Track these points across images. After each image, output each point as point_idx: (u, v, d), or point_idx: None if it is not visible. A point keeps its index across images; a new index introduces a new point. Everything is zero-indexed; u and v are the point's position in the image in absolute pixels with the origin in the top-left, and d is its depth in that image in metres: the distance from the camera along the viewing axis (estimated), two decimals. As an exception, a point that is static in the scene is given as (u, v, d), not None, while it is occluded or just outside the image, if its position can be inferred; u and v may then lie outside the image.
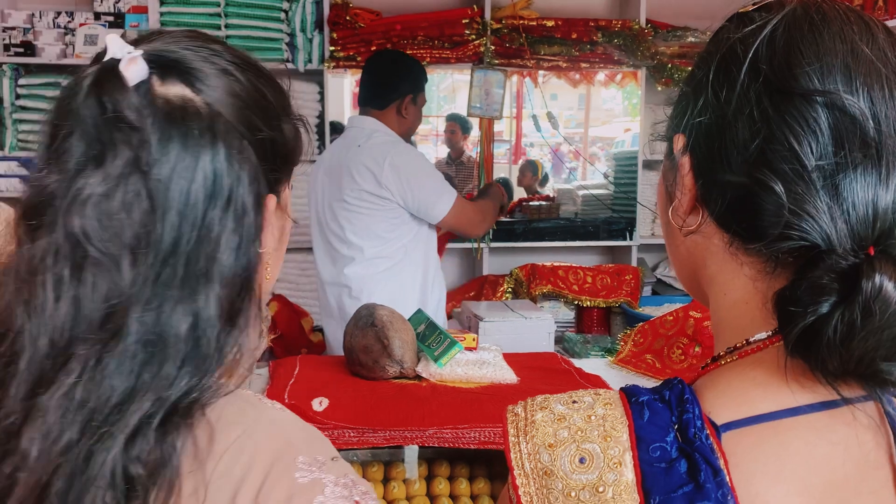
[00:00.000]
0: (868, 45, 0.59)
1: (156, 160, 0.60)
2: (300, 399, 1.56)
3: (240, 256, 0.64)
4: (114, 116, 0.61)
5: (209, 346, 0.62)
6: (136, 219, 0.60)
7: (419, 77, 2.63)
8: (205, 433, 0.61)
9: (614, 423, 0.59)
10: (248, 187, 0.64)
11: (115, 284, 0.59)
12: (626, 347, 2.02)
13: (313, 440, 0.64)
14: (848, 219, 0.56)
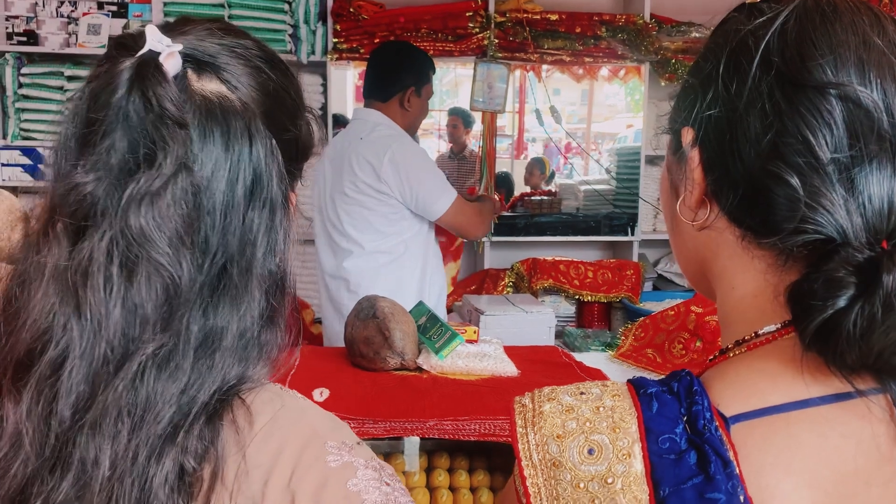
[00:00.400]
0: (879, 36, 0.59)
1: (197, 157, 0.60)
2: (301, 389, 1.54)
3: (276, 254, 0.65)
4: (160, 113, 0.59)
5: (253, 343, 0.63)
6: (186, 217, 0.60)
7: (423, 68, 2.58)
8: (243, 416, 0.62)
9: (623, 415, 0.58)
10: (279, 185, 0.65)
11: (172, 284, 0.59)
12: (626, 342, 2.03)
13: (337, 427, 0.65)
14: (864, 212, 0.56)
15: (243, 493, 0.59)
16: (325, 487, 0.59)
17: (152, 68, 0.60)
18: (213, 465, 0.59)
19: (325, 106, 3.62)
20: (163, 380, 0.59)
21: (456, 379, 1.69)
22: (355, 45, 3.48)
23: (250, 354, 0.63)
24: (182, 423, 0.58)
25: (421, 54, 2.67)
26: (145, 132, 0.59)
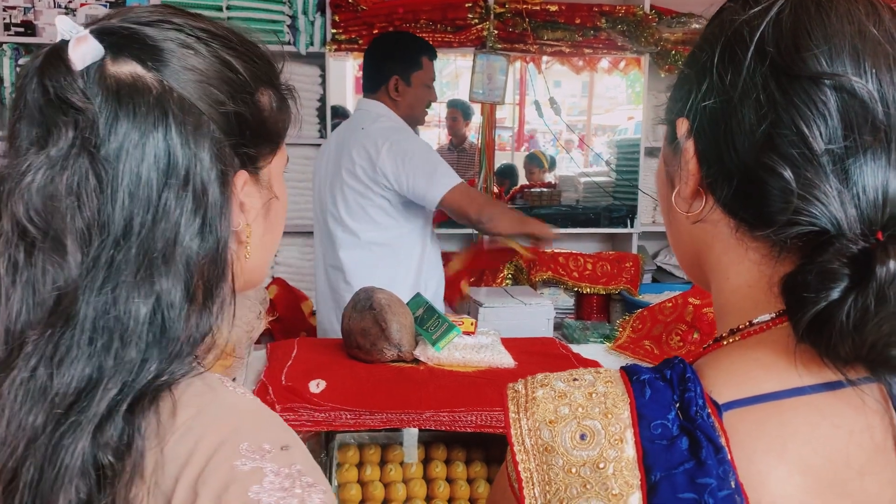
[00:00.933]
0: (875, 26, 0.58)
1: (103, 140, 0.59)
2: (297, 381, 1.56)
3: (206, 238, 0.62)
4: (56, 98, 0.60)
5: (176, 331, 0.61)
6: (84, 201, 0.59)
7: (407, 55, 2.48)
8: (167, 409, 0.60)
9: (615, 401, 0.58)
10: (210, 164, 0.63)
11: (61, 269, 0.58)
12: (624, 333, 2.02)
13: (266, 427, 0.63)
14: (858, 203, 0.56)
15: (159, 487, 0.58)
16: (227, 491, 0.57)
17: (54, 57, 0.61)
18: (132, 458, 0.58)
19: (323, 97, 3.61)
20: (61, 365, 0.58)
21: (453, 370, 1.69)
22: (354, 35, 3.46)
23: (169, 343, 0.60)
24: (93, 414, 0.57)
25: (407, 41, 2.58)
26: (42, 118, 0.60)
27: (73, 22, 0.62)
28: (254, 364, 1.75)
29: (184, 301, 0.61)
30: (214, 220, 0.63)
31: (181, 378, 0.62)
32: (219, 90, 0.65)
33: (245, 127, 0.67)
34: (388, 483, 1.54)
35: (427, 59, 2.50)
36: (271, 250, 0.77)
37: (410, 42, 2.58)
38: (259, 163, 0.70)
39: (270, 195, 0.73)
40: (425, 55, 2.50)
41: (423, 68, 2.48)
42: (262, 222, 0.72)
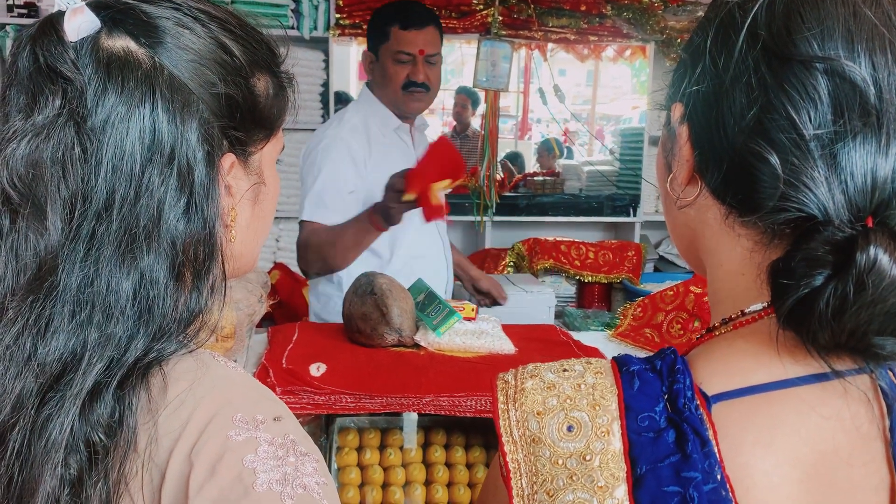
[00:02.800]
0: (871, 8, 0.57)
1: (91, 111, 0.60)
2: (298, 364, 1.56)
3: (192, 217, 0.62)
4: (46, 67, 0.60)
5: (162, 309, 0.61)
6: (69, 170, 0.59)
7: (373, 25, 2.16)
8: (157, 384, 0.61)
9: (604, 392, 0.58)
10: (197, 144, 0.63)
11: (41, 236, 0.59)
12: (625, 321, 2.03)
13: (259, 400, 0.63)
14: (846, 189, 0.55)
15: (153, 461, 0.59)
16: (222, 460, 0.58)
17: (48, 26, 0.62)
18: (125, 435, 0.58)
19: (326, 82, 3.60)
20: (45, 334, 0.58)
21: (453, 356, 1.70)
22: (358, 20, 3.46)
23: (156, 321, 0.61)
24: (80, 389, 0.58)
25: (380, 8, 2.22)
26: (30, 86, 0.61)
27: None
28: (255, 347, 1.76)
29: (169, 279, 0.61)
30: (201, 201, 0.63)
31: (171, 356, 0.62)
32: (211, 71, 0.65)
33: (236, 110, 0.67)
34: (388, 467, 1.54)
35: (398, 28, 2.09)
36: (260, 237, 0.76)
37: (382, 9, 2.21)
38: (250, 147, 0.70)
39: (259, 181, 0.72)
40: (395, 24, 2.10)
41: (390, 39, 2.10)
42: (249, 208, 0.72)
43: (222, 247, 0.67)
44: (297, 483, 0.58)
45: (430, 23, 2.14)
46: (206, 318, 0.65)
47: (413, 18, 2.11)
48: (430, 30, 2.12)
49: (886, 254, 0.51)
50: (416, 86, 2.11)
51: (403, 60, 2.09)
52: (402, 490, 1.52)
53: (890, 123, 0.55)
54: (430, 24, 2.14)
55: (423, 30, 2.11)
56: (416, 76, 2.10)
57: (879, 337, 0.53)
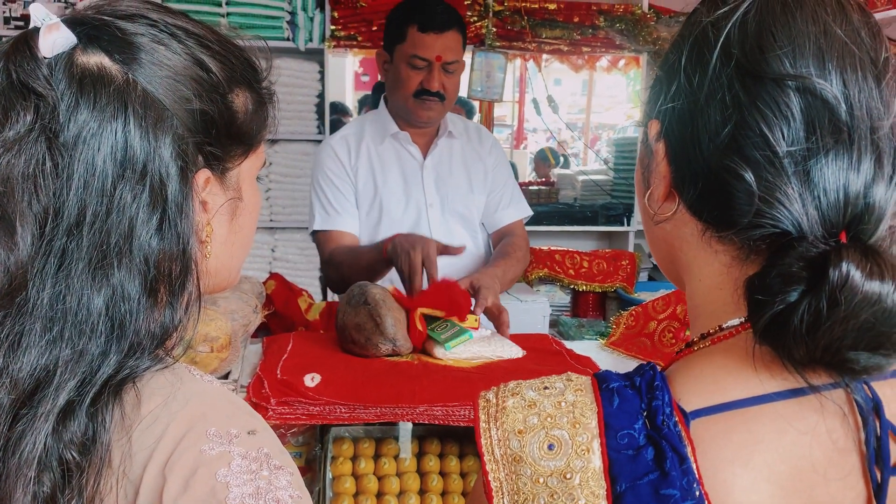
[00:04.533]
0: (841, 26, 0.58)
1: (63, 126, 0.60)
2: (292, 374, 1.57)
3: (166, 233, 0.62)
4: (18, 83, 0.61)
5: (135, 325, 0.61)
6: (40, 185, 0.59)
7: (390, 23, 1.98)
8: (131, 401, 0.61)
9: (584, 410, 0.58)
10: (170, 160, 0.62)
11: (10, 252, 0.59)
12: (618, 331, 2.04)
13: (234, 413, 0.63)
14: (819, 205, 0.56)
15: (127, 477, 0.59)
16: (195, 475, 0.58)
17: (21, 43, 0.62)
18: (98, 453, 0.58)
19: (322, 93, 3.62)
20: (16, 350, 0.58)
21: (447, 366, 1.71)
22: (353, 32, 3.48)
23: (128, 337, 0.61)
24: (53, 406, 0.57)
25: (400, 5, 2.00)
26: (3, 101, 0.61)
27: (47, 10, 0.63)
28: (249, 357, 1.76)
29: (142, 295, 0.61)
30: (174, 216, 0.63)
31: (144, 372, 0.62)
32: (186, 87, 0.65)
33: (211, 126, 0.67)
34: (382, 476, 1.55)
35: (416, 30, 1.90)
36: (240, 253, 0.76)
37: (401, 5, 2.00)
38: (227, 163, 0.70)
39: (236, 196, 0.72)
40: (413, 24, 1.91)
41: (406, 40, 1.92)
42: (226, 223, 0.72)
43: (197, 262, 0.66)
44: (271, 497, 0.58)
45: (452, 26, 1.93)
46: (181, 333, 0.65)
47: (433, 20, 1.90)
48: (451, 34, 1.92)
49: (858, 269, 0.52)
50: (429, 94, 1.94)
51: (418, 66, 1.92)
52: (397, 499, 1.53)
53: (861, 140, 0.56)
54: (453, 27, 1.93)
55: (444, 34, 1.91)
56: (430, 84, 1.92)
57: (853, 351, 0.53)
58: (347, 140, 2.08)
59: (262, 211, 3.31)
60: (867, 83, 0.57)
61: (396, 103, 2.02)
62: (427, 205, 2.09)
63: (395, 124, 2.07)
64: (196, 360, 1.49)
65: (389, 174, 2.06)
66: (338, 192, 2.05)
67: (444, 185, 2.10)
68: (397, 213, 2.05)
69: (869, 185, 0.56)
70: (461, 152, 2.14)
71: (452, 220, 2.12)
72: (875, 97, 0.58)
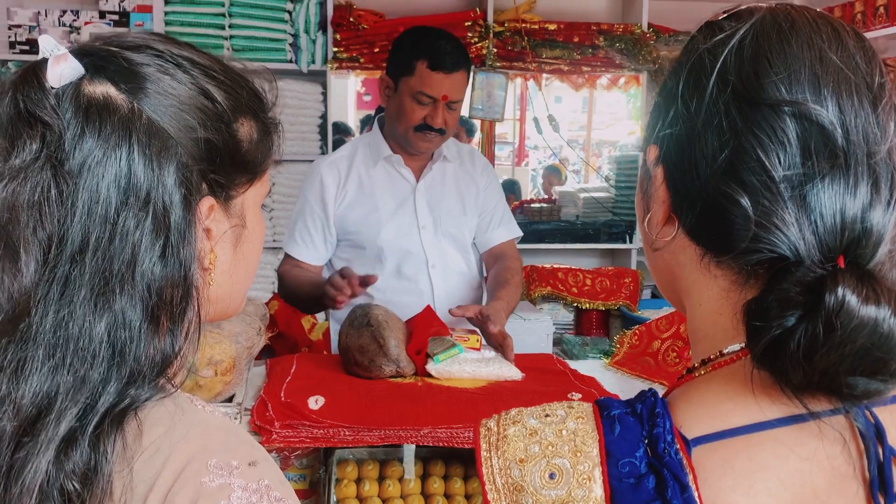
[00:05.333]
0: (836, 52, 0.59)
1: (68, 154, 0.60)
2: (296, 397, 1.57)
3: (168, 261, 0.63)
4: (26, 112, 0.61)
5: (136, 352, 0.61)
6: (45, 212, 0.60)
7: (398, 50, 2.01)
8: (133, 431, 0.61)
9: (585, 438, 0.58)
10: (173, 188, 0.63)
11: (14, 278, 0.59)
12: (621, 350, 2.04)
13: (235, 445, 0.63)
14: (816, 229, 0.56)
15: None
16: None
17: (30, 73, 0.63)
18: (100, 483, 0.58)
19: (324, 114, 3.64)
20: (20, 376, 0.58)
21: (451, 387, 1.70)
22: (355, 54, 3.50)
23: (129, 365, 0.61)
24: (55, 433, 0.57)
25: (410, 34, 2.06)
26: (10, 130, 0.62)
27: (55, 41, 0.64)
28: (253, 380, 1.76)
29: (144, 323, 0.61)
30: (177, 244, 0.63)
31: (146, 401, 0.62)
32: (191, 116, 0.66)
33: (216, 154, 0.67)
34: (387, 499, 1.55)
35: (426, 66, 1.93)
36: (244, 280, 0.76)
37: (411, 36, 2.03)
38: (231, 191, 0.71)
39: (240, 224, 0.72)
40: (423, 59, 1.93)
41: (413, 74, 1.94)
42: (230, 251, 0.72)
43: (199, 290, 0.67)
44: None
45: (461, 66, 1.97)
46: (182, 362, 0.66)
47: (444, 59, 1.92)
48: (458, 74, 1.96)
49: (854, 294, 0.52)
50: (431, 129, 1.98)
51: (423, 102, 1.95)
52: (401, 522, 1.52)
53: (857, 164, 0.57)
54: (461, 67, 1.97)
55: (452, 74, 1.95)
56: (434, 121, 1.96)
57: (851, 377, 0.53)
58: (338, 164, 2.11)
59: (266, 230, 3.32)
60: (863, 108, 0.58)
61: (396, 131, 2.04)
62: (420, 227, 2.11)
63: (388, 147, 2.09)
64: (200, 383, 1.49)
65: (382, 197, 2.09)
66: (305, 225, 2.09)
67: (436, 208, 2.13)
68: (389, 235, 2.08)
69: (866, 210, 0.56)
70: (454, 175, 2.18)
71: (445, 241, 2.14)
72: (871, 122, 0.58)
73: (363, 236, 2.08)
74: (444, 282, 2.12)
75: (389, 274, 2.07)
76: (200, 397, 1.47)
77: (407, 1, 3.73)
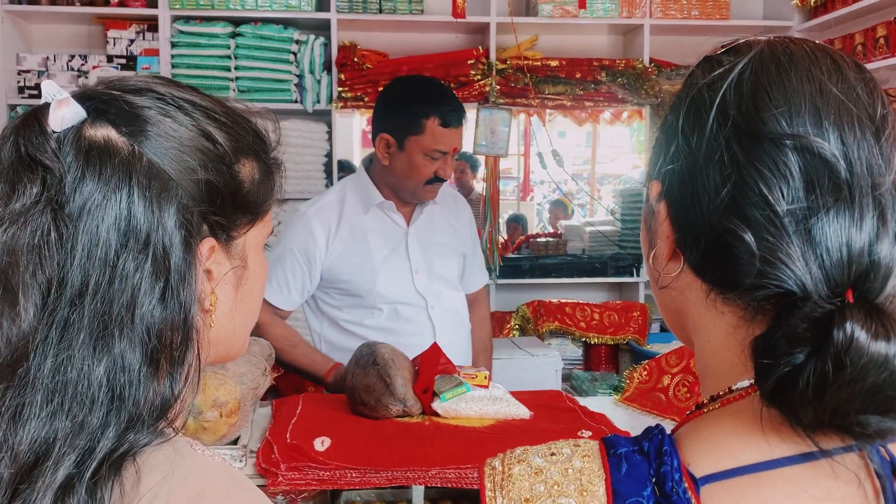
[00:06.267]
0: (837, 84, 0.59)
1: (68, 198, 0.61)
2: (302, 438, 1.55)
3: (168, 304, 0.62)
4: (26, 157, 0.62)
5: (136, 396, 0.60)
6: (45, 256, 0.60)
7: (403, 109, 1.98)
8: (130, 477, 0.60)
9: (591, 477, 0.58)
10: (174, 229, 0.63)
11: (13, 323, 0.59)
12: (631, 385, 2.01)
13: (232, 490, 0.62)
14: (822, 264, 0.55)
15: None
16: None
17: (31, 118, 0.64)
18: None
19: (330, 153, 3.67)
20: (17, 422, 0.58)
21: (459, 426, 1.68)
22: (359, 93, 3.54)
23: (128, 409, 0.60)
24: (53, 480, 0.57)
25: (414, 91, 2.07)
26: (11, 174, 0.62)
27: (57, 86, 0.64)
28: (259, 421, 1.74)
29: (143, 366, 0.61)
30: (177, 286, 0.63)
31: (144, 447, 0.61)
32: (192, 158, 0.66)
33: (216, 195, 0.67)
34: (395, 542, 1.52)
35: (438, 125, 1.96)
36: (246, 322, 0.75)
37: (415, 96, 2.03)
38: (233, 232, 0.71)
39: (242, 265, 0.72)
40: (433, 118, 1.95)
41: (423, 132, 1.96)
42: (231, 292, 0.72)
43: (200, 332, 0.66)
44: None
45: (464, 117, 2.05)
46: (181, 406, 0.65)
47: (453, 115, 1.99)
48: (462, 125, 2.05)
49: (864, 330, 0.51)
50: (440, 180, 2.05)
51: (435, 157, 1.99)
52: (410, 566, 1.49)
53: (862, 197, 0.56)
54: (464, 117, 2.06)
55: (459, 127, 2.03)
56: (446, 173, 2.02)
57: (863, 415, 0.52)
58: (327, 211, 2.10)
59: (272, 270, 3.33)
60: (866, 139, 0.57)
61: (402, 185, 2.06)
62: (413, 271, 2.13)
63: (379, 194, 2.11)
64: (205, 426, 1.47)
65: (375, 243, 2.11)
66: (284, 272, 2.09)
67: (428, 251, 2.15)
68: (385, 280, 2.09)
69: (873, 243, 0.56)
70: (442, 216, 2.21)
71: (438, 283, 2.17)
72: (875, 153, 0.57)
73: (357, 284, 2.09)
74: (444, 321, 2.15)
75: (387, 318, 2.10)
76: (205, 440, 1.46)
77: (409, 40, 3.77)
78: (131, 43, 3.55)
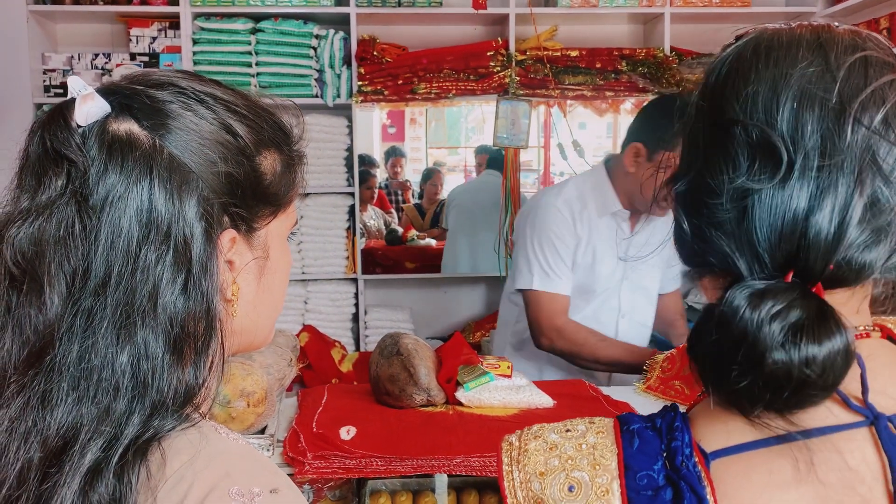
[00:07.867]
0: (808, 67, 0.58)
1: (92, 190, 0.62)
2: (328, 428, 1.57)
3: (190, 294, 0.64)
4: (52, 150, 0.64)
5: (159, 384, 0.62)
6: (70, 247, 0.62)
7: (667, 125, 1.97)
8: (156, 460, 0.61)
9: (604, 452, 0.60)
10: (195, 221, 0.64)
11: (39, 312, 0.61)
12: (653, 374, 2.01)
13: (257, 472, 0.63)
14: (757, 243, 0.57)
15: None
16: None
17: (56, 113, 0.66)
18: None
19: (350, 147, 3.69)
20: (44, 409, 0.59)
21: (483, 415, 1.69)
22: (379, 87, 3.55)
23: (152, 396, 0.61)
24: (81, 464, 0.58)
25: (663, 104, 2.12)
26: (37, 167, 0.64)
27: (83, 82, 0.66)
28: (285, 411, 1.77)
29: (167, 355, 0.62)
30: (199, 276, 0.64)
31: (169, 432, 0.63)
32: (212, 151, 0.67)
33: (237, 187, 0.69)
34: (420, 530, 1.53)
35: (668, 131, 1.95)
36: (269, 312, 0.76)
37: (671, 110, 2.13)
38: (254, 223, 0.72)
39: (264, 256, 0.73)
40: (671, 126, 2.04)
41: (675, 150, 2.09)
42: (254, 282, 0.73)
43: (223, 321, 0.68)
44: None
45: None
46: (206, 393, 0.67)
47: None
48: None
49: (749, 307, 0.53)
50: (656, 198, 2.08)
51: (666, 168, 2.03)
52: (436, 553, 1.51)
53: (803, 175, 0.56)
54: None
55: None
56: None
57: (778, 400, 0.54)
58: (571, 205, 2.17)
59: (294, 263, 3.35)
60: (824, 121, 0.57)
61: (636, 196, 2.09)
62: (623, 278, 2.22)
63: (619, 202, 2.15)
64: (233, 415, 1.50)
65: (602, 247, 2.17)
66: (557, 256, 2.13)
67: (641, 262, 2.19)
68: (600, 283, 2.18)
69: (810, 218, 0.56)
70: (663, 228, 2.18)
71: (638, 293, 2.25)
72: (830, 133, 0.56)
73: (577, 280, 2.16)
74: (628, 332, 2.24)
75: (585, 318, 2.18)
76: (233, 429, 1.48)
77: (429, 33, 3.78)
78: (154, 41, 3.59)
